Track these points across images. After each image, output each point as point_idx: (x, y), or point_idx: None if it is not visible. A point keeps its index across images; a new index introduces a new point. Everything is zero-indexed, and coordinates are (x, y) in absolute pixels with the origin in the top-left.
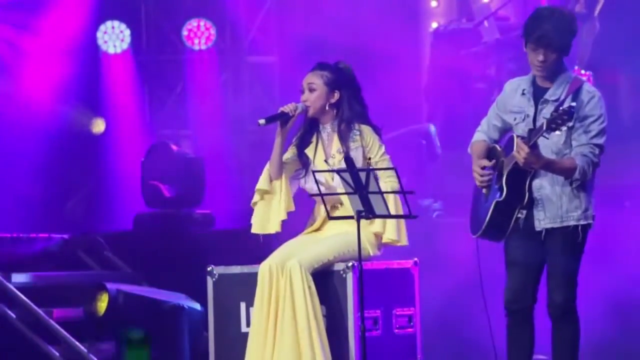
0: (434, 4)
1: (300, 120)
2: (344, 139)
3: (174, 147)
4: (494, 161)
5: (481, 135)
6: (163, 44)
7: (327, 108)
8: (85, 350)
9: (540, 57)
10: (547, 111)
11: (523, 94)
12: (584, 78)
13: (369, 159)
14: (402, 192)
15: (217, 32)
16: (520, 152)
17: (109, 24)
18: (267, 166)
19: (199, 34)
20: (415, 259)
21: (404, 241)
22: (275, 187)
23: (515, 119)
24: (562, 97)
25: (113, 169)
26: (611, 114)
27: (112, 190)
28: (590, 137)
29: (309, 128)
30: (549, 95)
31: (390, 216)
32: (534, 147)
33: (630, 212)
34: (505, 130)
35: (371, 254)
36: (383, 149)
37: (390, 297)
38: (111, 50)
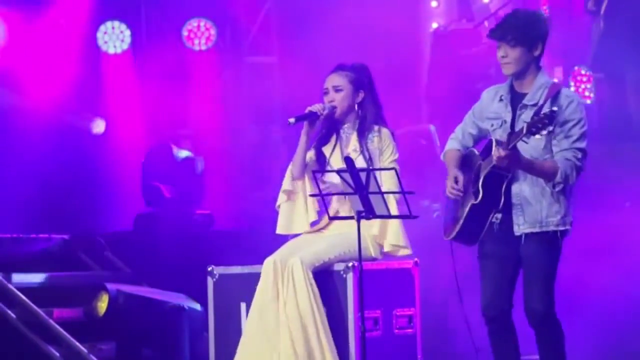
0: (434, 4)
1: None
2: (363, 137)
3: (174, 147)
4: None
5: (455, 144)
6: (163, 44)
7: (354, 108)
8: (85, 350)
9: (500, 52)
10: (526, 116)
11: (501, 100)
12: (584, 79)
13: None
14: (402, 193)
15: (217, 32)
16: (499, 153)
17: (109, 24)
18: (290, 166)
19: (199, 34)
20: (416, 259)
21: (405, 246)
22: (297, 187)
23: (492, 125)
24: (541, 102)
25: (113, 169)
26: (619, 113)
27: (112, 190)
28: (572, 141)
29: (328, 130)
30: (527, 100)
31: (390, 216)
32: (513, 150)
33: (630, 212)
34: (481, 138)
35: (373, 255)
36: (395, 156)
37: (390, 298)
38: (111, 51)
